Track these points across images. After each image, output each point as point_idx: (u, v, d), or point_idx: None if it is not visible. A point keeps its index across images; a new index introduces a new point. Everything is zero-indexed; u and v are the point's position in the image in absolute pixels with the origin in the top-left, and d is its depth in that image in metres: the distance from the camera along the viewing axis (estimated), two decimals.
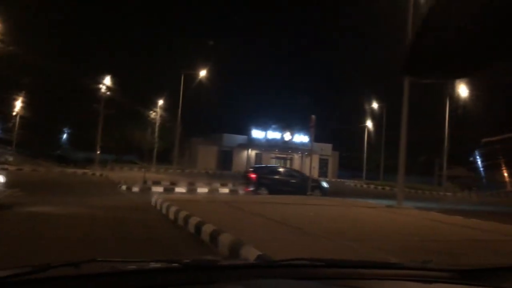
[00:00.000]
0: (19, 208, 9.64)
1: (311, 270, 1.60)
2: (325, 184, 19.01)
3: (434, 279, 1.56)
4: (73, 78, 36.67)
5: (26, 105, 40.91)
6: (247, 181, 17.47)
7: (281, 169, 19.97)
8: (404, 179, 13.77)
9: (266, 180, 17.13)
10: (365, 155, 45.96)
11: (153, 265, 1.51)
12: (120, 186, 17.94)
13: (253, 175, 17.18)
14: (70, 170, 29.41)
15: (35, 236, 6.55)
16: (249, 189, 17.02)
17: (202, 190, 18.65)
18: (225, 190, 19.47)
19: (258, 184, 16.81)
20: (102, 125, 35.65)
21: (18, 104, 41.87)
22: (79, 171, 29.37)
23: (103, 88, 35.81)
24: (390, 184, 31.58)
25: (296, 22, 79.63)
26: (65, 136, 51.62)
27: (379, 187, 33.89)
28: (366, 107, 45.90)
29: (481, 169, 36.22)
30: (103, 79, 35.78)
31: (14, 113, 42.47)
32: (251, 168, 21.06)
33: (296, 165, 43.65)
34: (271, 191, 16.49)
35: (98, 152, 36.34)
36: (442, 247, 6.08)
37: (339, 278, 1.53)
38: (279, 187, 16.80)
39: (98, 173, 29.16)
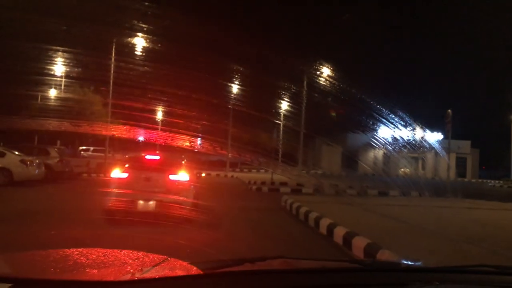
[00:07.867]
0: None
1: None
2: None
3: None
4: (200, 86, 39.21)
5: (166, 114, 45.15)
6: None
7: None
8: None
9: None
10: None
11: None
12: (251, 187, 18.86)
13: None
14: (204, 172, 31.91)
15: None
16: None
17: (328, 191, 18.52)
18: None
19: None
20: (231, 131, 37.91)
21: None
22: (213, 173, 31.67)
23: (231, 97, 37.86)
24: None
25: (432, 15, 74.26)
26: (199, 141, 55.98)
27: None
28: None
29: None
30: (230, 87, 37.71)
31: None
32: None
33: (430, 165, 40.66)
34: None
35: (230, 155, 38.73)
36: None
37: None
38: None
39: (229, 175, 31.17)
